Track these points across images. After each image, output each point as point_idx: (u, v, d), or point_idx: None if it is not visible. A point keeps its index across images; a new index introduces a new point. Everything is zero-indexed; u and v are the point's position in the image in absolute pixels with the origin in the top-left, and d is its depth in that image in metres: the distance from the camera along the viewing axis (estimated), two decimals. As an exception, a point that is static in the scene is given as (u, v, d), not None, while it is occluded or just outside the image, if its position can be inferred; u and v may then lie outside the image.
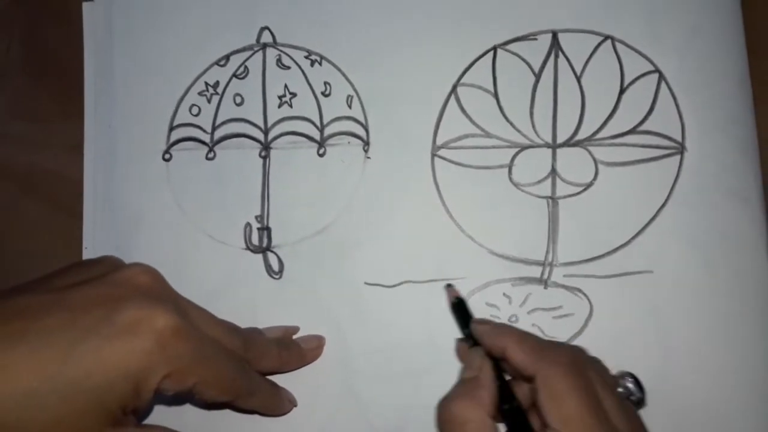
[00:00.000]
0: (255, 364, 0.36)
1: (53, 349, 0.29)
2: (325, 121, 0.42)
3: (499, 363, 0.34)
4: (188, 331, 0.31)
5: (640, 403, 0.35)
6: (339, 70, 0.42)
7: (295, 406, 0.39)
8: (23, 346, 0.29)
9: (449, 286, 0.39)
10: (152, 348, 0.30)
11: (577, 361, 0.32)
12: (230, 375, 0.34)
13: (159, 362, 0.30)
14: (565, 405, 0.31)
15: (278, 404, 0.38)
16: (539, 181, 0.40)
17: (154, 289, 0.32)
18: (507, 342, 0.34)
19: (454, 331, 0.39)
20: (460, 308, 0.38)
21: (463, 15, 0.41)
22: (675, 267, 0.38)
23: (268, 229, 0.42)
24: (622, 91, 0.40)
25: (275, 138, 0.42)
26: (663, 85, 0.40)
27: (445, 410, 0.33)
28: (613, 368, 0.38)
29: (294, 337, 0.40)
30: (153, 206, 0.42)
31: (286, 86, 0.43)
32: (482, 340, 0.35)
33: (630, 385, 0.35)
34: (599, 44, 0.40)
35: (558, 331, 0.39)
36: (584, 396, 0.31)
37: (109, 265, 0.34)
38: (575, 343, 0.38)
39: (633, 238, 0.39)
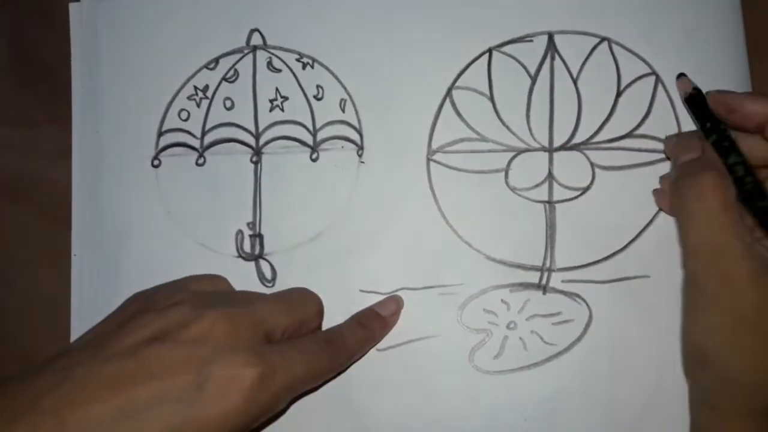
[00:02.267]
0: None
1: (154, 425, 0.30)
2: (317, 126, 0.41)
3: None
4: (273, 369, 0.32)
5: None
6: (332, 73, 0.42)
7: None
8: (127, 424, 0.29)
9: (681, 75, 0.38)
10: (246, 406, 0.31)
11: None
12: (324, 366, 0.35)
13: (255, 413, 0.32)
14: None
15: (372, 340, 0.39)
16: (536, 186, 0.40)
17: (233, 337, 0.32)
18: (746, 100, 0.34)
19: (453, 338, 0.39)
20: (697, 101, 0.36)
21: (457, 17, 0.41)
22: (671, 271, 0.38)
23: (260, 236, 0.41)
24: (618, 93, 0.40)
25: (267, 143, 0.41)
26: (660, 87, 0.39)
27: (685, 191, 0.32)
28: (612, 375, 0.38)
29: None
30: (142, 213, 0.41)
31: (277, 90, 0.42)
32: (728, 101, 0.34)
33: None
34: (595, 46, 0.40)
35: (558, 338, 0.38)
36: None
37: (182, 312, 0.33)
38: (576, 349, 0.38)
39: (630, 242, 0.39)
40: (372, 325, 0.38)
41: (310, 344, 0.35)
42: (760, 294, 0.31)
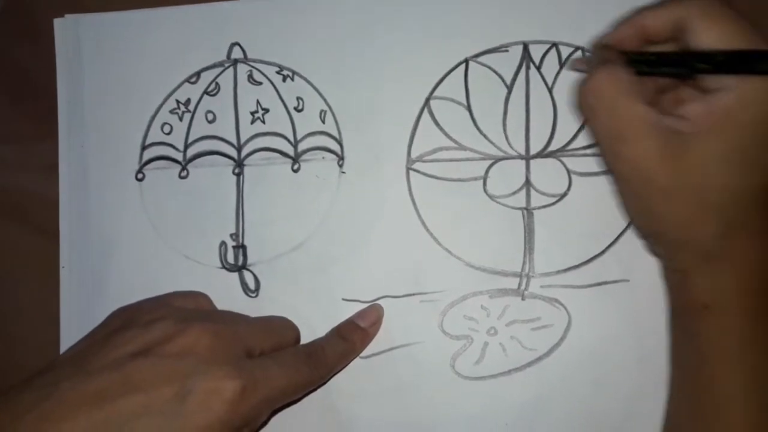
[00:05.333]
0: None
1: None
2: (298, 137, 0.42)
3: None
4: (254, 382, 0.32)
5: None
6: (311, 85, 0.42)
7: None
8: None
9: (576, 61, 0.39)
10: (227, 417, 0.31)
11: None
12: (305, 379, 0.35)
13: (236, 425, 0.32)
14: (722, 24, 0.31)
15: (353, 352, 0.39)
16: (514, 193, 0.40)
17: (215, 351, 0.33)
18: (641, 16, 0.34)
19: (434, 345, 0.39)
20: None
21: (434, 28, 0.41)
22: (650, 275, 0.39)
23: (243, 247, 0.41)
24: (593, 101, 0.40)
25: (249, 155, 0.42)
26: (633, 94, 0.40)
27: (582, 89, 0.33)
28: (591, 379, 0.38)
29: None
30: (127, 227, 0.42)
31: (258, 102, 0.42)
32: (616, 34, 0.35)
33: None
34: (570, 55, 0.41)
35: (537, 343, 0.39)
36: (739, 18, 0.31)
37: (165, 327, 0.33)
38: (555, 354, 0.39)
39: (608, 247, 0.39)
40: (352, 337, 0.39)
41: (291, 358, 0.35)
42: (670, 165, 0.31)
